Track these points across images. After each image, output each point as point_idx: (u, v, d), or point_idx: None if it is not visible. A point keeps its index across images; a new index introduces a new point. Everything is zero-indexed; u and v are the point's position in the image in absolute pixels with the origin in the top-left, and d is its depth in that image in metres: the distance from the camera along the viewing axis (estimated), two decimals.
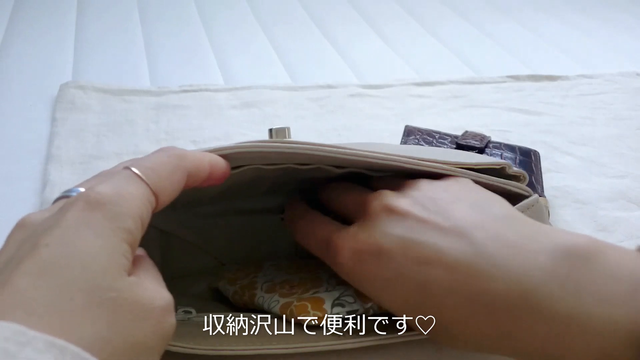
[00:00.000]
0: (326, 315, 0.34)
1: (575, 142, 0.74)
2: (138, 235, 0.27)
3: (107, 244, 0.25)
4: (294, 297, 0.36)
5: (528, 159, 0.65)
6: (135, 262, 0.28)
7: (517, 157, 0.64)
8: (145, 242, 0.28)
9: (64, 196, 0.29)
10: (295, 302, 0.35)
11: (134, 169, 0.28)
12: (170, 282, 0.43)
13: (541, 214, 0.35)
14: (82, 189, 0.29)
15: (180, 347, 0.31)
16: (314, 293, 0.36)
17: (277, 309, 0.36)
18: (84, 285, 0.24)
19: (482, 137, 0.67)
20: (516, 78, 0.90)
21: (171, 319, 0.27)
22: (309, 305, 0.35)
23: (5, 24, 0.97)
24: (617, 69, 0.96)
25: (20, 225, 0.28)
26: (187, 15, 1.08)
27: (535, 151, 0.66)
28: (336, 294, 0.35)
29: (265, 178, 0.38)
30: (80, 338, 0.23)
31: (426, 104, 0.82)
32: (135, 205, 0.27)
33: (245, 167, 0.35)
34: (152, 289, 0.26)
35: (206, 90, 0.81)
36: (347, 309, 0.35)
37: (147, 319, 0.25)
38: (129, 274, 0.26)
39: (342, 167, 0.37)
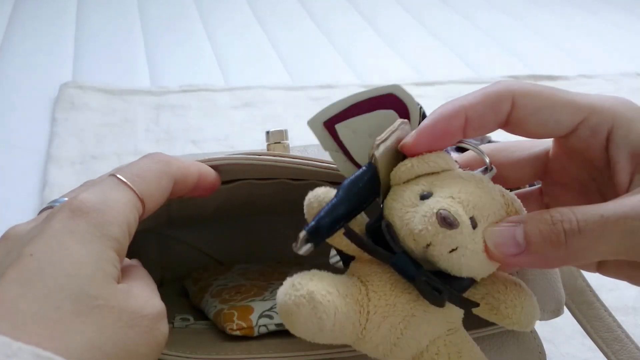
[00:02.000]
0: (253, 325, 0.34)
1: None
2: (125, 242, 0.27)
3: (93, 251, 0.25)
4: (230, 303, 0.35)
5: None
6: (126, 270, 0.27)
7: None
8: (143, 243, 0.27)
9: (50, 207, 0.29)
10: (225, 310, 0.35)
11: (119, 176, 0.28)
12: (169, 284, 0.43)
13: None
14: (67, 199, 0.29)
15: (175, 355, 0.31)
16: (250, 301, 0.35)
17: (211, 315, 0.35)
18: (70, 294, 0.23)
19: (482, 137, 0.67)
20: (516, 78, 0.90)
21: (163, 328, 0.26)
22: (236, 314, 0.34)
23: (5, 24, 0.97)
24: (617, 69, 0.96)
25: (5, 237, 0.27)
26: (187, 16, 1.08)
27: None
28: (270, 304, 0.35)
29: (260, 197, 0.38)
30: (67, 347, 0.22)
31: (426, 104, 0.82)
32: (121, 213, 0.26)
33: (238, 182, 0.35)
34: (142, 297, 0.26)
35: (206, 90, 0.81)
36: (276, 321, 0.34)
37: (136, 327, 0.25)
38: (118, 282, 0.26)
39: (338, 184, 0.37)
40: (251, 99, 0.80)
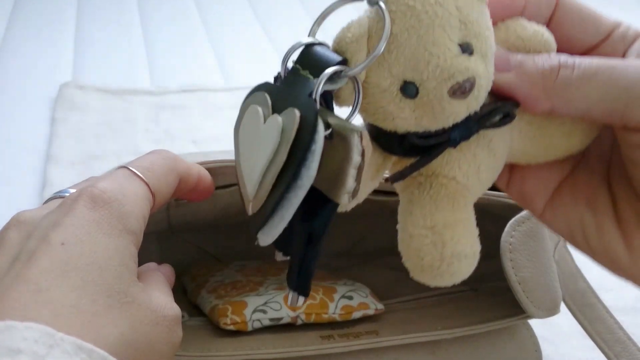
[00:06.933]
0: (247, 321, 0.34)
1: None
2: (141, 236, 0.26)
3: (119, 246, 0.25)
4: (225, 299, 0.35)
5: None
6: (143, 272, 0.27)
7: None
8: (144, 240, 0.27)
9: (57, 196, 0.29)
10: (220, 305, 0.35)
11: (132, 168, 0.27)
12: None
13: (537, 228, 0.35)
14: (73, 191, 0.28)
15: None
16: (245, 296, 0.35)
17: (207, 311, 0.36)
18: (103, 288, 0.23)
19: None
20: None
21: (179, 331, 0.26)
22: (230, 309, 0.34)
23: (5, 24, 0.97)
24: None
25: (18, 221, 0.26)
26: (187, 16, 1.08)
27: None
28: (264, 299, 0.35)
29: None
30: (105, 340, 0.22)
31: None
32: (138, 205, 0.26)
33: (237, 186, 0.35)
34: (162, 299, 0.26)
35: (206, 90, 0.81)
36: (270, 316, 0.34)
37: (159, 326, 0.25)
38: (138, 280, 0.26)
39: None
40: None
